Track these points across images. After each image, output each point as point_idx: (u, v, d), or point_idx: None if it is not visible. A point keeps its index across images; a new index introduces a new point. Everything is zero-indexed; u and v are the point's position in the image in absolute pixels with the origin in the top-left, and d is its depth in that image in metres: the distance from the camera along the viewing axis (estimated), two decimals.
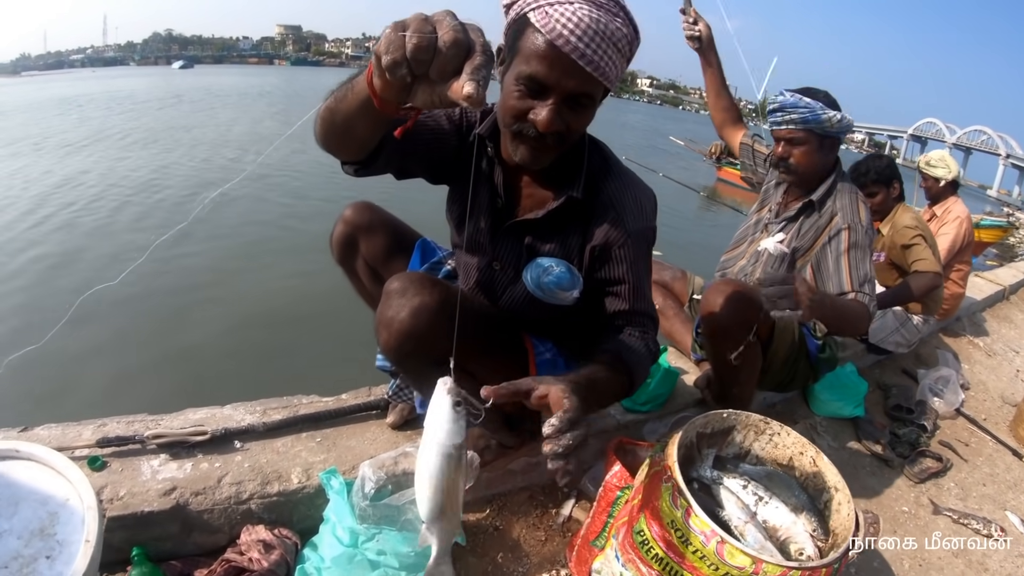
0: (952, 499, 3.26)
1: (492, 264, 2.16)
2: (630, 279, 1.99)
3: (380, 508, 1.95)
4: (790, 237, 3.09)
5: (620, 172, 2.05)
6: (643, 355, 1.94)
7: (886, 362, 4.73)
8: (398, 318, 1.83)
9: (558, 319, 2.16)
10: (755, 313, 2.53)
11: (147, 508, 2.01)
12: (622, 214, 1.96)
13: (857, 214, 2.90)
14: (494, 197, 2.09)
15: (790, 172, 3.10)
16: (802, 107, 2.91)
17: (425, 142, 2.05)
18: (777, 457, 2.11)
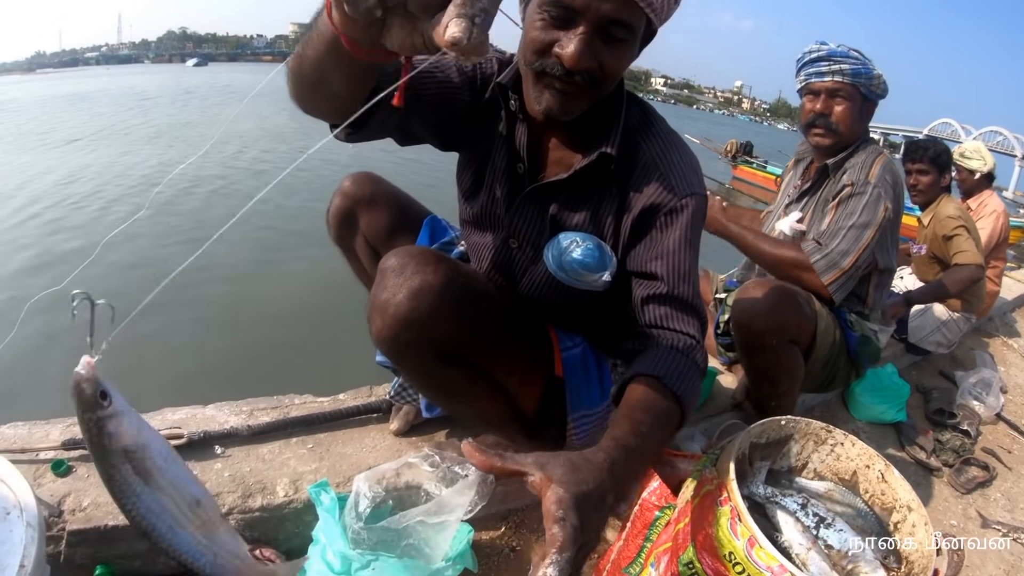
0: (1000, 511, 3.07)
1: (508, 241, 1.88)
2: (672, 256, 1.66)
3: (376, 531, 1.68)
4: (810, 212, 2.90)
5: (664, 131, 1.77)
6: (692, 375, 1.57)
7: (922, 364, 4.55)
8: (394, 301, 1.57)
9: (588, 308, 1.87)
10: (792, 315, 2.35)
11: (112, 522, 1.77)
12: (668, 174, 1.68)
13: (867, 170, 2.66)
14: (514, 161, 1.80)
15: (829, 131, 2.81)
16: (852, 58, 2.68)
17: (430, 98, 1.73)
18: (839, 471, 1.83)
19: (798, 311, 2.38)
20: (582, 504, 1.03)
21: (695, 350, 1.62)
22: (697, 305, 1.69)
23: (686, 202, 1.66)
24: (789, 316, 2.35)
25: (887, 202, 2.58)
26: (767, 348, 2.38)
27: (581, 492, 1.04)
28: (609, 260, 1.73)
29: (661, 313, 1.67)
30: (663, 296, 1.66)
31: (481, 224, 1.95)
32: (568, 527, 0.98)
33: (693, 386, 1.54)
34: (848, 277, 2.56)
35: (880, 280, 2.78)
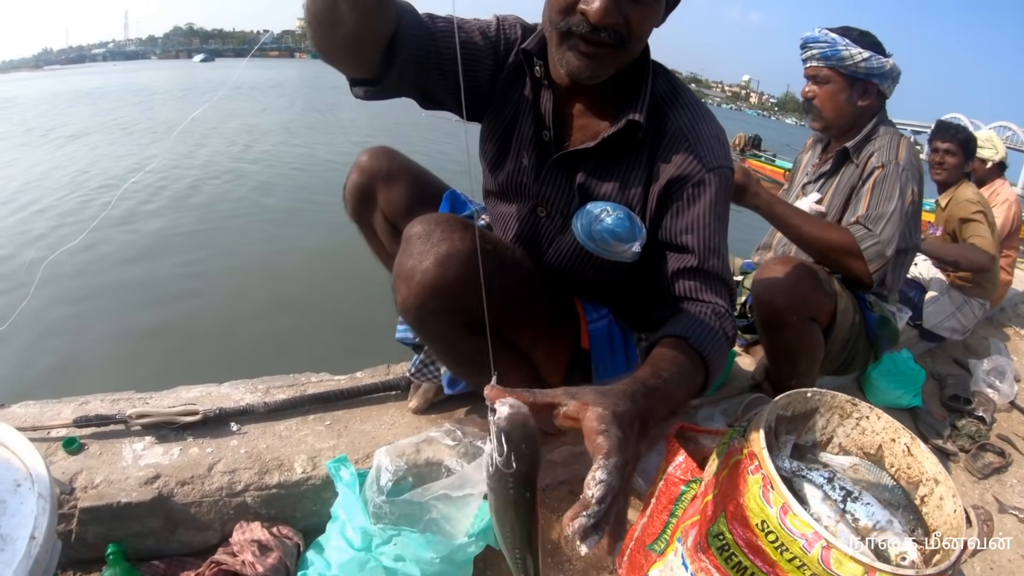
0: (1016, 496, 3.05)
1: (536, 210, 1.85)
2: (702, 229, 1.64)
3: (399, 505, 1.66)
4: (830, 194, 2.87)
5: (692, 101, 1.73)
6: (719, 338, 1.56)
7: (936, 351, 4.52)
8: (420, 268, 1.55)
9: (616, 281, 1.85)
10: (812, 292, 2.33)
11: (124, 499, 1.75)
12: (696, 146, 1.65)
13: (895, 152, 2.63)
14: (540, 128, 1.78)
15: (815, 114, 2.85)
16: (823, 41, 2.70)
17: (452, 57, 1.67)
18: (864, 445, 1.81)
19: (818, 288, 2.36)
20: (621, 420, 1.04)
21: (724, 318, 1.60)
22: (727, 278, 1.68)
23: (714, 174, 1.64)
24: (809, 293, 2.33)
25: (914, 185, 2.56)
26: (787, 325, 2.35)
27: (618, 411, 1.05)
28: (639, 231, 1.70)
29: (691, 286, 1.65)
30: (694, 270, 1.64)
31: (507, 194, 1.92)
32: (613, 436, 0.99)
33: (719, 349, 1.53)
34: (889, 266, 2.54)
35: (900, 261, 2.74)
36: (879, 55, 2.65)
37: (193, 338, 5.89)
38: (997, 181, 5.03)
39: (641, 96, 1.65)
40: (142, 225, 9.21)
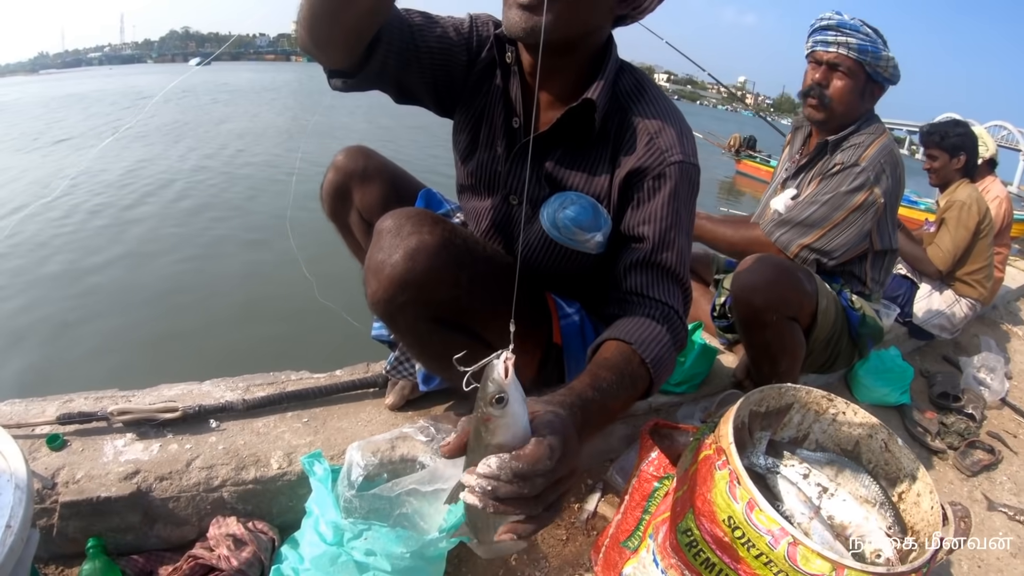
0: (1006, 494, 3.04)
1: (509, 198, 1.87)
2: (658, 221, 1.63)
3: (368, 499, 1.66)
4: (804, 187, 2.86)
5: (658, 97, 1.75)
6: (665, 345, 1.52)
7: (926, 348, 4.53)
8: (390, 261, 1.55)
9: (587, 276, 1.85)
10: (792, 292, 2.32)
11: (104, 493, 1.75)
12: (657, 138, 1.66)
13: (862, 152, 2.61)
14: (510, 116, 1.80)
15: (822, 104, 2.75)
16: (862, 33, 2.61)
17: (429, 50, 1.74)
18: (841, 441, 1.81)
19: (798, 287, 2.35)
20: (555, 427, 0.99)
21: (673, 321, 1.57)
22: (681, 275, 1.65)
23: (675, 168, 1.64)
24: (788, 292, 2.32)
25: (875, 187, 2.55)
26: (767, 324, 2.34)
27: (556, 419, 1.02)
28: (604, 221, 1.72)
29: (642, 281, 1.62)
30: (646, 262, 1.62)
31: (479, 185, 1.93)
32: (543, 445, 0.94)
33: (665, 356, 1.50)
34: (819, 251, 2.56)
35: (877, 261, 2.76)
36: (896, 63, 2.65)
37: (176, 337, 5.90)
38: (988, 178, 5.04)
39: (597, 81, 1.66)
40: (129, 227, 9.25)
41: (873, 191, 2.55)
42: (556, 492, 0.97)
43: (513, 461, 0.91)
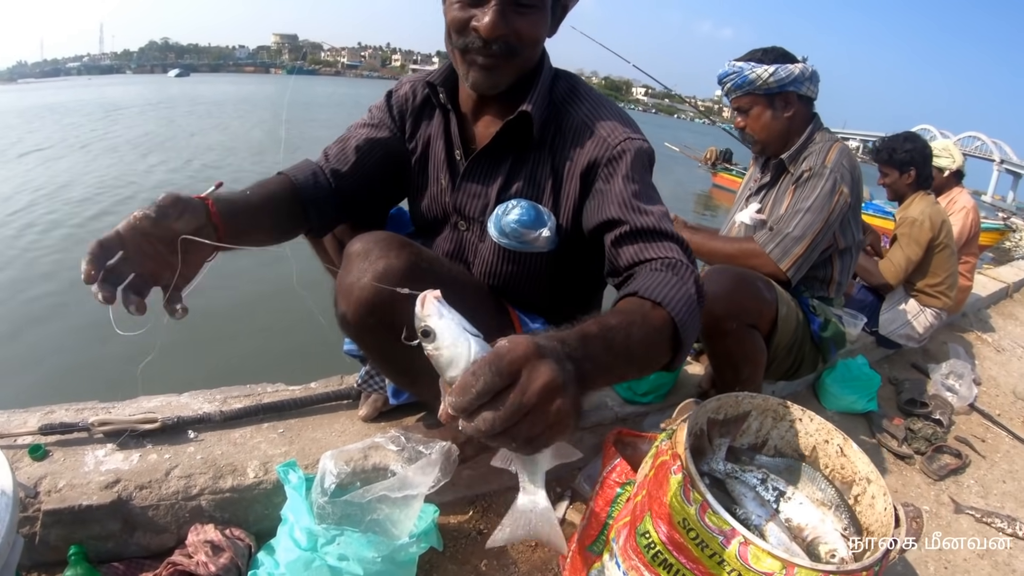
0: (973, 497, 3.10)
1: (457, 224, 1.97)
2: (622, 196, 1.66)
3: (340, 505, 1.69)
4: (770, 204, 2.97)
5: (593, 96, 1.85)
6: (674, 285, 1.41)
7: (894, 357, 4.59)
8: (359, 284, 1.61)
9: (543, 282, 1.93)
10: (751, 300, 2.39)
11: (85, 502, 1.79)
12: (598, 130, 1.75)
13: (824, 156, 2.75)
14: (451, 150, 1.92)
15: (750, 141, 3.00)
16: (732, 73, 2.85)
17: (375, 162, 1.99)
18: (799, 446, 1.86)
19: (757, 295, 2.41)
20: (542, 350, 0.94)
21: (678, 267, 1.50)
22: (667, 230, 1.61)
23: (622, 148, 1.70)
24: (747, 300, 2.38)
25: (844, 186, 2.64)
26: (727, 332, 2.39)
27: (538, 342, 0.95)
28: (547, 218, 1.80)
29: (632, 252, 1.61)
30: (628, 234, 1.63)
31: (430, 221, 2.03)
32: (468, 372, 0.89)
33: (679, 296, 1.38)
34: (805, 260, 2.63)
35: (843, 263, 2.84)
36: (786, 64, 2.75)
37: (157, 350, 5.91)
38: (955, 189, 5.09)
39: (532, 93, 1.75)
40: None
41: (843, 191, 2.65)
42: (532, 425, 0.90)
43: (449, 396, 0.90)
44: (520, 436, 0.91)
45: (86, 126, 25.54)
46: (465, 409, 0.88)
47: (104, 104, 38.75)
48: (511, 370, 0.89)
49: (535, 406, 0.89)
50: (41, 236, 9.53)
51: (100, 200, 12.05)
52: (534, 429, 0.91)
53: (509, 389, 0.88)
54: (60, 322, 6.58)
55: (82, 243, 5.37)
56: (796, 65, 2.76)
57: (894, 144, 4.36)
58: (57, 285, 7.54)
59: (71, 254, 8.46)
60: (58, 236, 9.48)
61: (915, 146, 4.31)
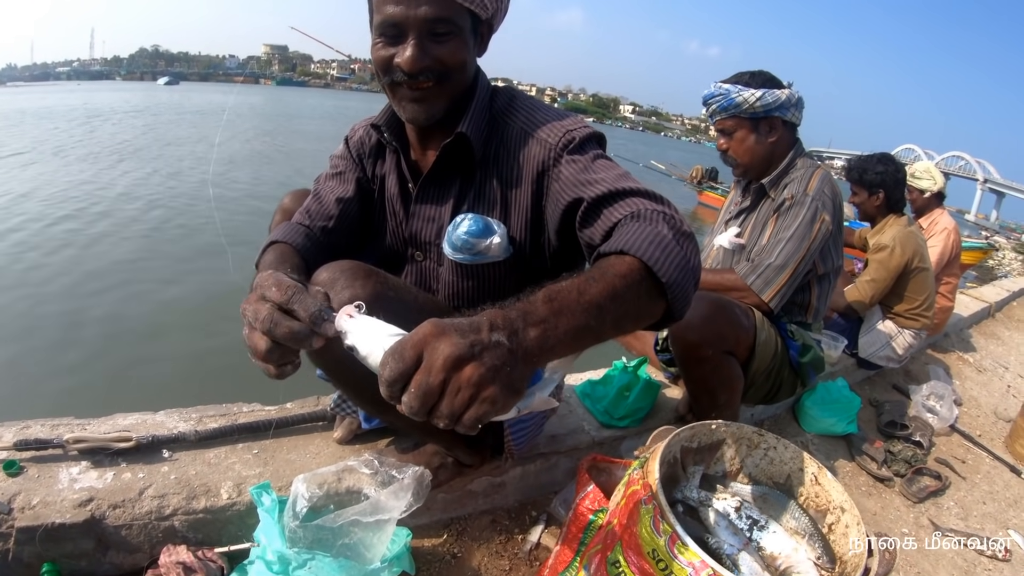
0: (953, 519, 3.11)
1: (414, 257, 1.99)
2: (574, 179, 1.62)
3: (312, 530, 1.69)
4: (749, 228, 2.98)
5: (528, 104, 1.85)
6: (636, 230, 1.31)
7: (875, 378, 4.60)
8: None
9: (508, 295, 1.90)
10: (727, 327, 2.40)
11: (59, 520, 1.78)
12: (537, 133, 1.75)
13: (806, 183, 2.76)
14: (404, 184, 1.96)
15: (732, 164, 3.01)
16: (718, 95, 2.85)
17: (357, 211, 2.03)
18: (773, 475, 1.86)
19: (734, 322, 2.42)
20: (412, 340, 0.95)
21: (643, 214, 1.40)
22: (627, 187, 1.51)
23: (563, 142, 1.70)
24: (724, 327, 2.39)
25: (825, 214, 2.65)
26: (704, 359, 2.40)
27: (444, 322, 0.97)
28: (497, 227, 1.80)
29: (599, 224, 1.51)
30: (588, 208, 1.54)
31: (391, 257, 2.04)
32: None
33: (644, 236, 1.28)
34: (787, 288, 2.63)
35: (821, 288, 2.85)
36: (773, 89, 2.76)
37: (132, 367, 5.93)
38: (936, 211, 5.14)
39: (467, 114, 1.77)
40: (84, 251, 9.34)
41: (824, 218, 2.65)
42: (451, 400, 0.93)
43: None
44: (444, 414, 0.94)
45: (65, 131, 25.55)
46: (390, 398, 0.94)
47: (88, 110, 38.74)
48: (413, 353, 0.93)
49: (443, 380, 0.92)
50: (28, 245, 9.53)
51: (63, 208, 12.07)
52: (454, 404, 0.93)
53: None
54: (33, 337, 6.60)
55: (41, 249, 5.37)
56: (783, 91, 2.77)
57: (866, 165, 4.37)
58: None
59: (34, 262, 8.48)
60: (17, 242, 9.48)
61: (887, 168, 4.31)
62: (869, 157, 4.45)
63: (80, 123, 29.52)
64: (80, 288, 7.88)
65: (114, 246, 9.85)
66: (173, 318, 7.33)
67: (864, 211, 4.43)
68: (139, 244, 10.05)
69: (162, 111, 39.75)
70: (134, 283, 8.34)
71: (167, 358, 6.19)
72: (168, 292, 8.13)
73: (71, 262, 8.91)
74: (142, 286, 8.25)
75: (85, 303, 7.44)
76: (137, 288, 8.15)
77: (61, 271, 8.48)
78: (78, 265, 8.75)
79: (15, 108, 39.77)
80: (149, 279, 8.45)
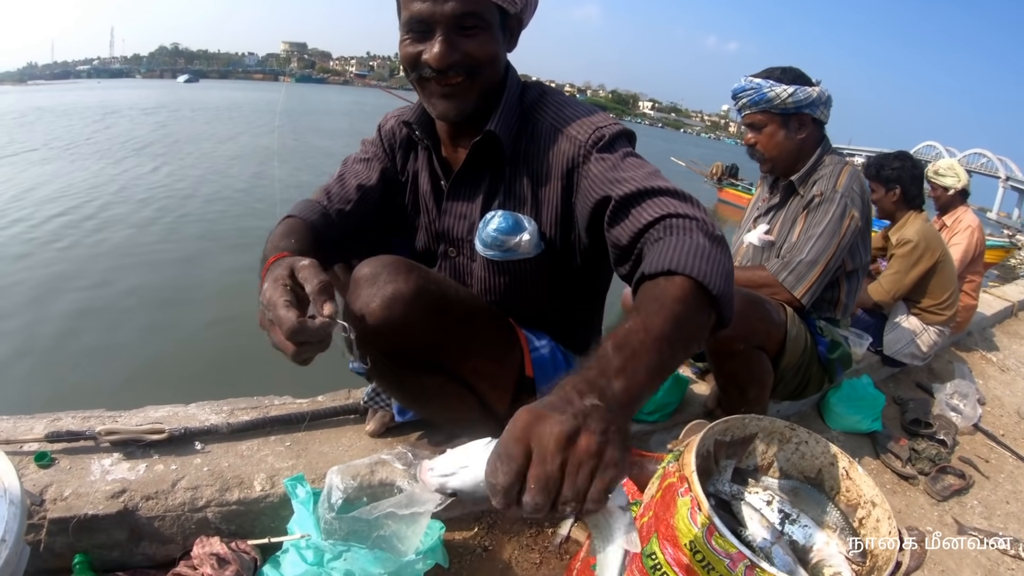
0: (976, 518, 3.10)
1: (447, 253, 1.99)
2: (603, 178, 1.60)
3: (347, 522, 1.69)
4: (778, 225, 2.98)
5: (558, 100, 1.84)
6: (675, 245, 1.29)
7: (900, 376, 4.57)
8: (368, 311, 1.61)
9: (540, 289, 1.94)
10: (759, 322, 2.40)
11: (91, 511, 1.78)
12: (567, 130, 1.74)
13: (835, 180, 2.76)
14: (436, 181, 1.95)
15: (760, 159, 3.01)
16: (749, 89, 2.84)
17: (376, 200, 2.04)
18: (804, 469, 1.85)
19: (766, 317, 2.42)
20: (513, 435, 0.89)
21: (677, 224, 1.39)
22: (655, 187, 1.50)
23: (593, 139, 1.68)
24: (756, 322, 2.39)
25: (854, 210, 2.65)
26: (734, 354, 2.41)
27: (540, 408, 0.91)
28: (528, 223, 1.80)
29: (628, 223, 1.50)
30: (616, 208, 1.53)
31: (424, 255, 2.06)
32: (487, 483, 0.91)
33: (685, 250, 1.26)
34: (818, 285, 2.63)
35: (850, 285, 2.84)
36: (804, 86, 2.76)
37: (164, 360, 5.95)
38: (960, 208, 5.09)
39: (496, 111, 1.76)
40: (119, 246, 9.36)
41: (853, 214, 2.65)
42: (573, 482, 0.86)
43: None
44: (570, 498, 0.86)
45: (80, 129, 25.63)
46: (508, 505, 0.87)
47: (105, 107, 38.86)
48: (520, 448, 0.87)
49: (561, 463, 0.86)
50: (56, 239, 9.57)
51: (60, 203, 12.13)
52: (578, 481, 0.86)
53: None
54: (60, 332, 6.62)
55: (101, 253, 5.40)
56: (814, 88, 2.77)
57: (883, 161, 4.36)
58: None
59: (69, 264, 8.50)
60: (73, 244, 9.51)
61: (903, 164, 4.29)
62: (887, 154, 4.43)
63: (95, 120, 29.62)
64: (104, 281, 7.96)
65: (138, 238, 9.89)
66: (202, 311, 7.36)
67: (882, 208, 4.39)
68: (164, 237, 10.09)
69: (180, 108, 39.88)
70: (160, 273, 8.50)
71: (198, 352, 6.20)
72: (197, 284, 8.21)
73: (95, 257, 8.99)
74: (169, 278, 8.40)
75: (111, 298, 7.51)
76: (164, 280, 8.28)
77: (88, 265, 8.57)
78: (101, 260, 8.82)
79: (35, 105, 39.90)
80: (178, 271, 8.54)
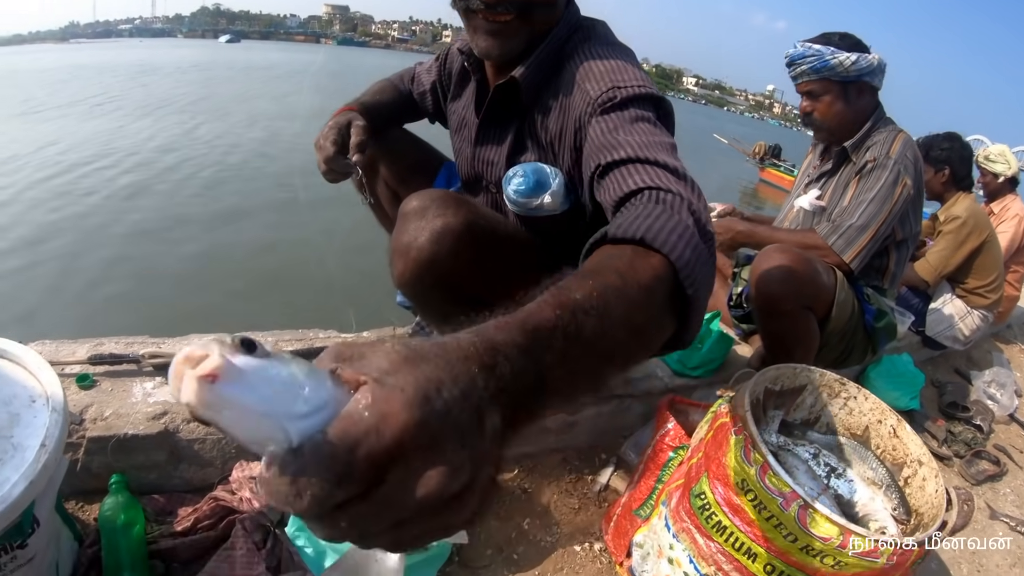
0: (1008, 505, 3.06)
1: (488, 188, 1.93)
2: (602, 140, 1.38)
3: None
4: (830, 191, 2.94)
5: (596, 50, 1.63)
6: (659, 215, 1.00)
7: (939, 360, 4.52)
8: (416, 244, 1.59)
9: (581, 238, 1.79)
10: (809, 283, 2.36)
11: (131, 431, 1.80)
12: (583, 83, 1.56)
13: (889, 146, 2.70)
14: (477, 113, 1.89)
15: (816, 127, 2.94)
16: (810, 56, 2.75)
17: (423, 105, 2.23)
18: (851, 425, 1.85)
19: (816, 278, 2.39)
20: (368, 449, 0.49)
21: (675, 201, 1.10)
22: (651, 158, 1.25)
23: (604, 98, 1.48)
24: (806, 282, 2.36)
25: (907, 178, 2.61)
26: (783, 313, 2.39)
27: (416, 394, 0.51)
28: (552, 179, 1.70)
29: (612, 187, 1.27)
30: (603, 169, 1.33)
31: (470, 182, 2.02)
32: None
33: (668, 226, 0.96)
34: (868, 250, 2.60)
35: (899, 254, 2.81)
36: (864, 53, 2.71)
37: (211, 293, 5.99)
38: (1008, 196, 5.00)
39: (531, 56, 1.66)
40: (172, 187, 9.52)
41: (906, 182, 2.61)
42: (417, 533, 0.53)
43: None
44: (403, 543, 0.54)
45: (113, 86, 25.77)
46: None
47: (143, 66, 39.09)
48: (363, 475, 0.48)
49: (420, 518, 0.51)
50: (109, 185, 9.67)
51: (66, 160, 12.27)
52: (422, 535, 0.54)
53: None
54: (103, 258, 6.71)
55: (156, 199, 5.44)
56: (874, 55, 2.73)
57: (933, 141, 4.30)
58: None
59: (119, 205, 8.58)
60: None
61: (952, 145, 4.24)
62: (933, 136, 4.37)
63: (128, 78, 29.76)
64: (157, 216, 8.05)
65: (190, 181, 10.00)
66: (249, 248, 7.42)
67: (931, 189, 4.32)
68: (215, 180, 10.20)
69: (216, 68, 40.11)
70: (208, 210, 8.59)
71: (243, 286, 6.25)
72: (240, 219, 8.28)
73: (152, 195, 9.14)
74: (215, 213, 8.48)
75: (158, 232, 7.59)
76: (210, 215, 8.37)
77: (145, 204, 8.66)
78: (159, 199, 8.95)
79: (74, 63, 40.21)
80: (224, 211, 8.59)
